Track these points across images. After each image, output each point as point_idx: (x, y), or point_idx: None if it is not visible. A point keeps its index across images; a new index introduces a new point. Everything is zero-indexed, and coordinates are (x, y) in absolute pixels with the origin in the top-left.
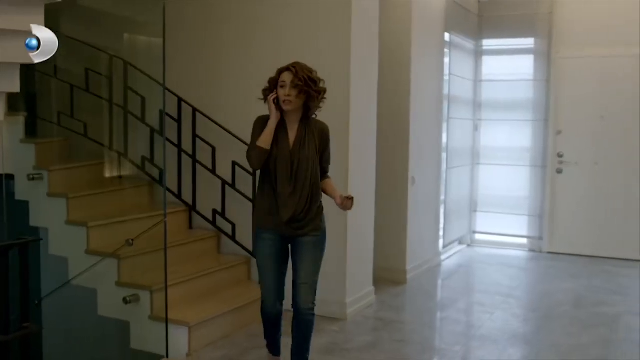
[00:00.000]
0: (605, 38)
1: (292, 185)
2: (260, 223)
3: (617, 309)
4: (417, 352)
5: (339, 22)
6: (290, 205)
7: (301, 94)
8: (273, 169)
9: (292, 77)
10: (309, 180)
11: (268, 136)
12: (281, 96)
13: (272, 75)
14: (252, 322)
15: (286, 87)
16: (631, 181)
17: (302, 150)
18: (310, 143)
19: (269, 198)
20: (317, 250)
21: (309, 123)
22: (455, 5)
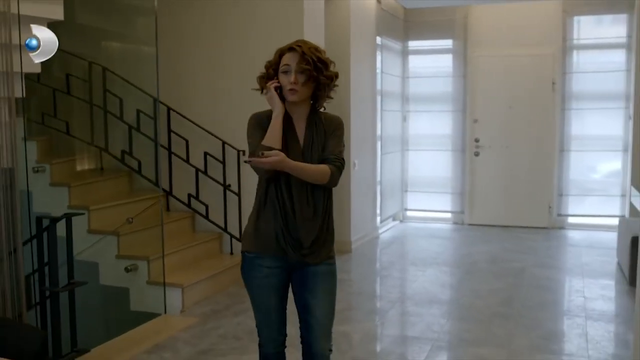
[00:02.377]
0: (511, 40)
1: (311, 200)
2: (257, 247)
3: (523, 264)
4: (366, 300)
5: (292, 25)
6: (311, 227)
7: (309, 81)
8: (283, 180)
9: (298, 58)
10: (326, 192)
11: (277, 132)
12: (285, 84)
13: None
14: (228, 286)
15: (290, 72)
16: (536, 161)
17: (316, 149)
18: (322, 140)
19: (276, 218)
20: (333, 282)
21: (319, 118)
22: (385, 12)
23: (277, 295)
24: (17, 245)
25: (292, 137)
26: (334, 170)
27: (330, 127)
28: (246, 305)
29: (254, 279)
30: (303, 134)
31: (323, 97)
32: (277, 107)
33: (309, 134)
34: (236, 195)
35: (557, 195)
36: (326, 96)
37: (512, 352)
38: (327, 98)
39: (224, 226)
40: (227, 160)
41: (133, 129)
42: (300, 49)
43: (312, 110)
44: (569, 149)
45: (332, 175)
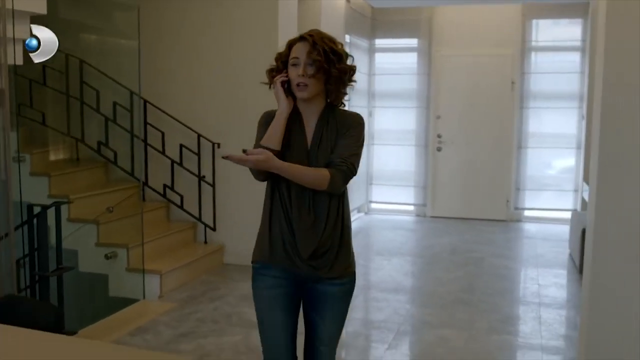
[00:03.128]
0: (473, 40)
1: (312, 207)
2: (263, 255)
3: (483, 254)
4: None
5: (267, 23)
6: (312, 237)
7: (320, 74)
8: (285, 183)
9: (308, 48)
10: (333, 198)
11: (277, 132)
12: (293, 78)
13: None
14: (203, 274)
15: (300, 65)
16: (495, 157)
17: (324, 151)
18: (333, 140)
19: (281, 225)
20: (344, 303)
21: (333, 116)
22: (353, 12)
23: (284, 310)
24: (10, 231)
25: (299, 137)
26: (334, 175)
27: (344, 126)
28: (222, 291)
29: (259, 291)
30: (312, 133)
31: (334, 92)
32: (281, 103)
33: (317, 133)
34: (211, 186)
35: (514, 189)
36: (339, 91)
37: (473, 334)
38: (341, 94)
39: (199, 216)
40: (202, 152)
41: (110, 120)
42: (312, 38)
43: (327, 106)
44: (526, 146)
45: (332, 180)
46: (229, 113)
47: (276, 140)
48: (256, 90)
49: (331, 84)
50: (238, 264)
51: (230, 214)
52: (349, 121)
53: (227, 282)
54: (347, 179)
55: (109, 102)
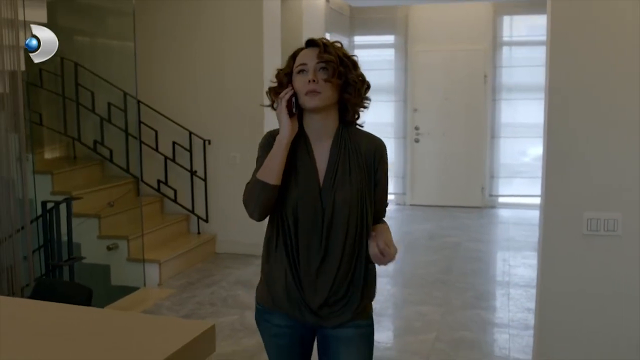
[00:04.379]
0: (448, 36)
1: (322, 250)
2: (265, 300)
3: (459, 239)
4: None
5: (253, 23)
6: (321, 285)
7: (334, 78)
8: (291, 221)
9: (318, 51)
10: (353, 239)
11: (276, 163)
12: (301, 87)
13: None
14: (197, 262)
15: (309, 70)
16: (470, 146)
17: (341, 186)
18: (353, 171)
19: (284, 267)
20: (364, 349)
21: (350, 136)
22: (333, 11)
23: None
24: (26, 224)
25: (307, 165)
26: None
27: (370, 154)
28: (216, 277)
29: (263, 334)
30: (325, 160)
31: (354, 102)
32: (283, 127)
33: (332, 163)
34: (202, 180)
35: (489, 177)
36: (359, 103)
37: (449, 309)
38: (361, 107)
39: (192, 208)
40: (194, 149)
41: (105, 120)
42: (321, 41)
43: (342, 126)
44: (499, 136)
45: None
46: (218, 111)
47: (275, 174)
48: (243, 89)
49: (350, 92)
50: (230, 253)
51: (222, 205)
52: (375, 148)
53: (220, 269)
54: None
55: (104, 103)
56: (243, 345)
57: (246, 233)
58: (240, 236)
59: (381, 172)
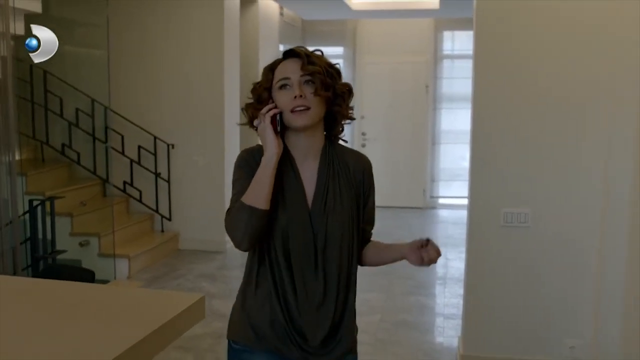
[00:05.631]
0: (393, 49)
1: (320, 281)
2: (246, 338)
3: (402, 237)
4: None
5: (214, 31)
6: (323, 319)
7: (322, 91)
8: (280, 252)
9: (301, 63)
10: (347, 266)
11: (264, 186)
12: (286, 105)
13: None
14: (162, 257)
15: (292, 85)
16: (412, 152)
17: (332, 209)
18: (343, 192)
19: (272, 302)
20: None
21: (337, 154)
22: (286, 23)
23: None
24: (14, 219)
25: (294, 189)
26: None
27: (358, 172)
28: (181, 272)
29: None
30: (313, 181)
31: (343, 115)
32: (269, 146)
33: (321, 184)
34: (166, 182)
35: (429, 180)
36: (347, 115)
37: (391, 295)
38: (348, 119)
39: (156, 208)
40: (158, 152)
41: (73, 125)
42: (303, 51)
43: (327, 144)
44: (439, 142)
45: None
46: (181, 117)
47: (264, 197)
48: (205, 96)
49: (339, 103)
50: (192, 249)
51: (184, 205)
52: (363, 166)
53: (184, 264)
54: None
55: (73, 109)
56: (212, 328)
57: (207, 231)
58: (201, 234)
59: (371, 191)
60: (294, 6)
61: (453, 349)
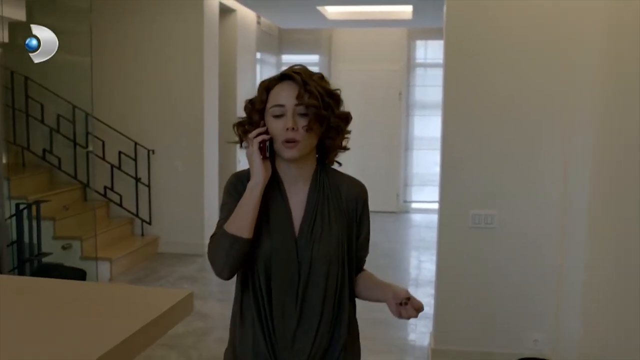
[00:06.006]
0: (367, 57)
1: (297, 312)
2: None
3: (376, 240)
4: None
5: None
6: (298, 352)
7: (316, 125)
8: (262, 278)
9: (297, 91)
10: (333, 298)
11: (248, 213)
12: (277, 133)
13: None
14: (142, 261)
15: (286, 114)
16: (386, 157)
17: (319, 238)
18: (333, 220)
19: (254, 330)
20: None
21: (328, 179)
22: (263, 32)
23: None
24: (2, 223)
25: (281, 214)
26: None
27: (351, 200)
28: (162, 273)
29: None
30: (301, 207)
31: (335, 147)
32: (256, 172)
33: (309, 212)
34: (146, 187)
35: (403, 185)
36: (341, 146)
37: None
38: (342, 149)
39: (136, 212)
40: (138, 158)
41: (54, 131)
42: (300, 77)
43: (318, 169)
44: (412, 148)
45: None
46: (162, 123)
47: (247, 225)
48: (185, 103)
49: (331, 136)
50: (172, 252)
51: (164, 209)
52: (357, 193)
53: (165, 267)
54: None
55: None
56: (194, 327)
57: (186, 234)
58: (181, 237)
59: (365, 220)
60: (271, 15)
61: (425, 344)
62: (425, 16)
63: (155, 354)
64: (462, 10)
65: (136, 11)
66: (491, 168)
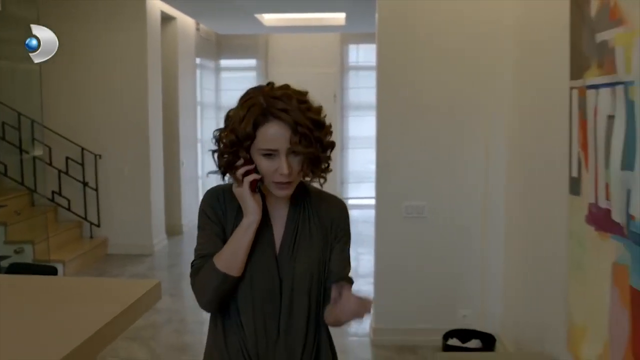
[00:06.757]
0: (303, 61)
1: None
2: None
3: None
4: None
5: (139, 47)
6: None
7: (307, 164)
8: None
9: (290, 134)
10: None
11: (241, 252)
12: (268, 173)
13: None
14: (93, 262)
15: (279, 155)
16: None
17: (301, 253)
18: (314, 236)
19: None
20: None
21: (310, 200)
22: (202, 38)
23: None
24: None
25: (263, 231)
26: None
27: (329, 218)
28: (114, 273)
29: None
30: (282, 224)
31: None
32: (250, 211)
33: (290, 230)
34: (94, 191)
35: (340, 183)
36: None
37: None
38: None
39: (85, 216)
40: (86, 163)
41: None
42: (291, 117)
43: (301, 189)
44: (348, 147)
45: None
46: (108, 128)
47: (239, 264)
48: (130, 108)
49: (317, 166)
50: (120, 254)
51: (112, 212)
52: (336, 213)
53: (115, 267)
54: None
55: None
56: (151, 320)
57: (135, 235)
58: (129, 238)
59: (343, 239)
60: (210, 23)
61: (366, 325)
62: (358, 22)
63: (119, 346)
64: (393, 17)
65: (82, 20)
66: (421, 164)
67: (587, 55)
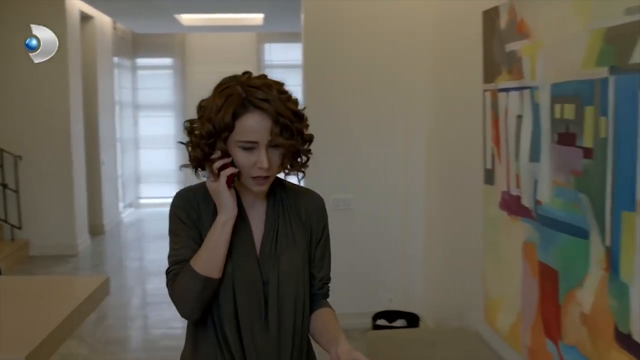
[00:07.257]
0: (219, 59)
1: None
2: None
3: None
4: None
5: (59, 50)
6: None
7: (287, 157)
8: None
9: (271, 125)
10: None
11: (220, 252)
12: (246, 167)
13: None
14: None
15: (258, 148)
16: None
17: (284, 252)
18: (295, 232)
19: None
20: None
21: (287, 195)
22: (118, 36)
23: None
24: None
25: (241, 233)
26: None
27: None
28: (39, 274)
29: None
30: (261, 222)
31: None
32: (226, 207)
33: (270, 228)
34: (15, 192)
35: None
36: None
37: None
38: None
39: (5, 218)
40: (5, 164)
41: None
42: (273, 107)
43: (277, 183)
44: None
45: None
46: (28, 128)
47: (219, 265)
48: (51, 108)
49: (296, 159)
50: (43, 255)
51: (34, 213)
52: (316, 208)
53: (41, 268)
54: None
55: None
56: None
57: (58, 236)
58: (52, 239)
59: (326, 237)
60: (127, 21)
61: None
62: (274, 21)
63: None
64: (318, 18)
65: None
66: (348, 159)
67: (498, 62)
